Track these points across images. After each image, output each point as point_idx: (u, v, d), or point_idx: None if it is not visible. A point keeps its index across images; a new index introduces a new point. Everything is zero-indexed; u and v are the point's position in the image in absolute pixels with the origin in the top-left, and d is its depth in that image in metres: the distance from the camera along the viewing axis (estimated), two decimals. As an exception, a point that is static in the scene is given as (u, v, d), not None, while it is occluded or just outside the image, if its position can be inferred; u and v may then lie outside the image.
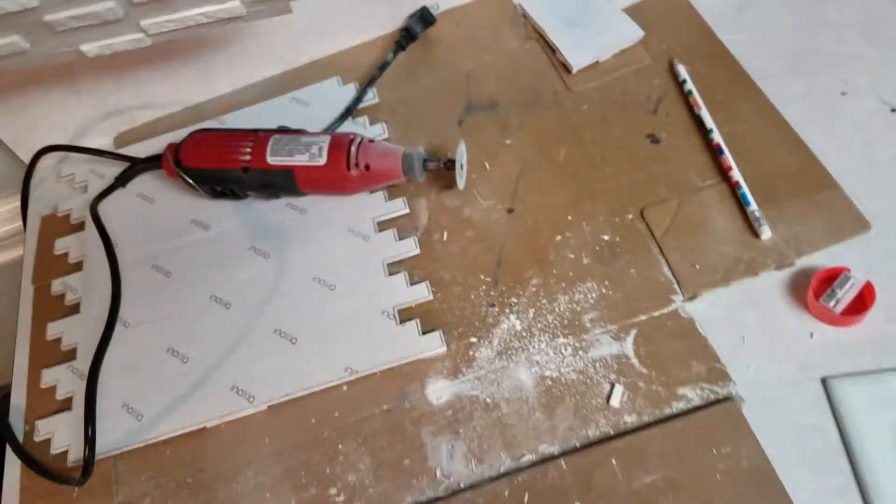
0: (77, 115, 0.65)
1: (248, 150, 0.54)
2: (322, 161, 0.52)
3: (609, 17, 0.59)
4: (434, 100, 0.60)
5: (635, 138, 0.52)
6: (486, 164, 0.55)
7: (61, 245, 0.59)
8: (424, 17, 0.62)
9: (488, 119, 0.57)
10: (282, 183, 0.54)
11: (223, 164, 0.54)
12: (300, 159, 0.52)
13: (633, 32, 0.57)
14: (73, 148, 0.63)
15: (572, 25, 0.59)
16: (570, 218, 0.50)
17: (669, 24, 0.58)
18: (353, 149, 0.52)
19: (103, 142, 0.66)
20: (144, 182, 0.60)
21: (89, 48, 0.50)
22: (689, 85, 0.53)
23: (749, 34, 0.55)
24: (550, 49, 0.59)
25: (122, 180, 0.59)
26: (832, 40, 0.54)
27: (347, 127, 0.60)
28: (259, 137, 0.54)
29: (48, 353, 0.53)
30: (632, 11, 0.59)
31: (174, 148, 0.56)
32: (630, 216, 0.49)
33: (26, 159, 0.66)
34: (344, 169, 0.52)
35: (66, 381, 0.51)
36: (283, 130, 0.55)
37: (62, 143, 0.65)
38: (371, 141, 0.53)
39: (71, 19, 0.46)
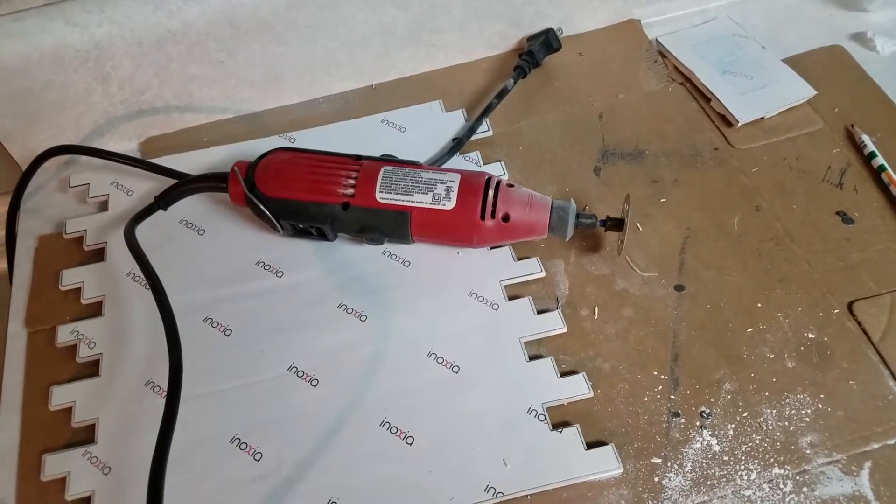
0: (98, 109, 0.51)
1: (352, 181, 0.42)
2: (450, 205, 0.41)
3: (770, 67, 0.51)
4: (561, 140, 0.50)
5: (823, 214, 0.44)
6: (639, 225, 0.45)
7: (70, 278, 0.44)
8: (549, 42, 0.53)
9: (633, 170, 0.48)
10: (390, 227, 0.42)
11: (317, 197, 0.42)
12: (420, 200, 0.41)
13: (803, 90, 0.49)
14: (100, 153, 0.48)
15: (727, 73, 0.51)
16: (759, 305, 0.41)
17: (837, 85, 0.50)
18: (491, 193, 0.41)
19: (125, 146, 0.52)
20: (190, 205, 0.47)
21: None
22: (881, 159, 0.45)
23: (934, 107, 0.49)
24: (702, 96, 0.50)
25: (164, 201, 0.45)
26: None
27: (456, 162, 0.49)
28: (364, 167, 0.42)
29: (52, 431, 0.39)
30: (791, 64, 0.51)
31: (246, 168, 0.44)
32: (836, 311, 0.40)
33: (22, 157, 0.52)
34: (477, 217, 0.41)
35: (81, 473, 0.37)
36: (390, 161, 0.44)
37: (71, 141, 0.51)
38: (510, 185, 0.42)
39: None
